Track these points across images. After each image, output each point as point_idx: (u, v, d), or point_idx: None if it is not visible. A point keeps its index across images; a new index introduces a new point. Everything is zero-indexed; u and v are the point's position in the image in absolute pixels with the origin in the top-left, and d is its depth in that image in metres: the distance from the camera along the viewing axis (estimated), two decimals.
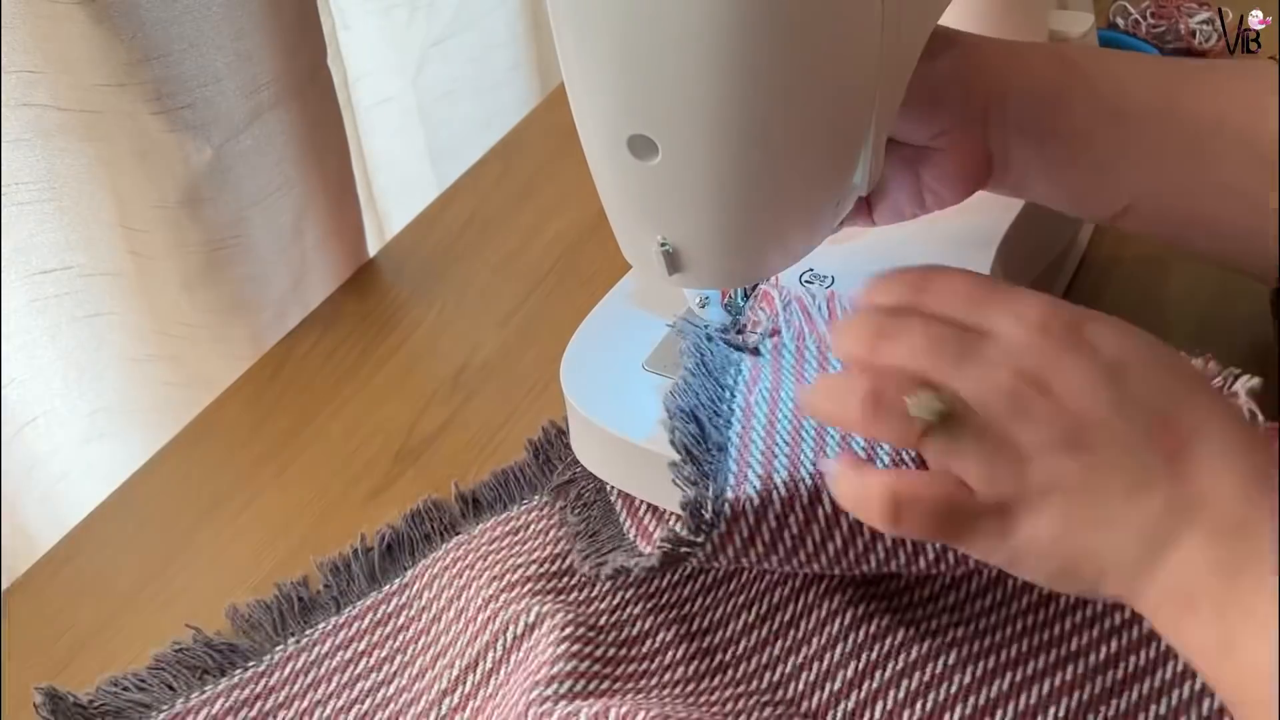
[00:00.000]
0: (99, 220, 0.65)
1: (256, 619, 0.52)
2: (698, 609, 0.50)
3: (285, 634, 0.51)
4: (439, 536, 0.55)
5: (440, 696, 0.48)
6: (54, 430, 0.74)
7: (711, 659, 0.48)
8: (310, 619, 0.52)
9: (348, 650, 0.51)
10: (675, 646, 0.49)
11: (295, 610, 0.52)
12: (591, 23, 0.41)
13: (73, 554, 0.57)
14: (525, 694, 0.45)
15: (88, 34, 0.56)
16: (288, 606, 0.53)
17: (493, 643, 0.49)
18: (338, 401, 0.64)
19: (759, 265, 0.49)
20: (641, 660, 0.48)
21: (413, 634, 0.51)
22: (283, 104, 0.65)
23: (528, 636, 0.48)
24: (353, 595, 0.53)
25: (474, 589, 0.51)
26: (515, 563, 0.51)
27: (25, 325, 0.68)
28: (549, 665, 0.46)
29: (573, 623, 0.48)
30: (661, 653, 0.48)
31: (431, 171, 1.05)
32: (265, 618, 0.52)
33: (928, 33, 0.50)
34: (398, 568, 0.54)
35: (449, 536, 0.54)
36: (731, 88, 0.41)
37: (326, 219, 0.72)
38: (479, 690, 0.48)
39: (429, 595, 0.52)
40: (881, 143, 0.49)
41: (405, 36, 0.99)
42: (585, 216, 0.76)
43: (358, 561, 0.54)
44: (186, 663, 0.50)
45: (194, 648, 0.51)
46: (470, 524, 0.55)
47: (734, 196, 0.44)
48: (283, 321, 0.70)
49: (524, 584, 0.50)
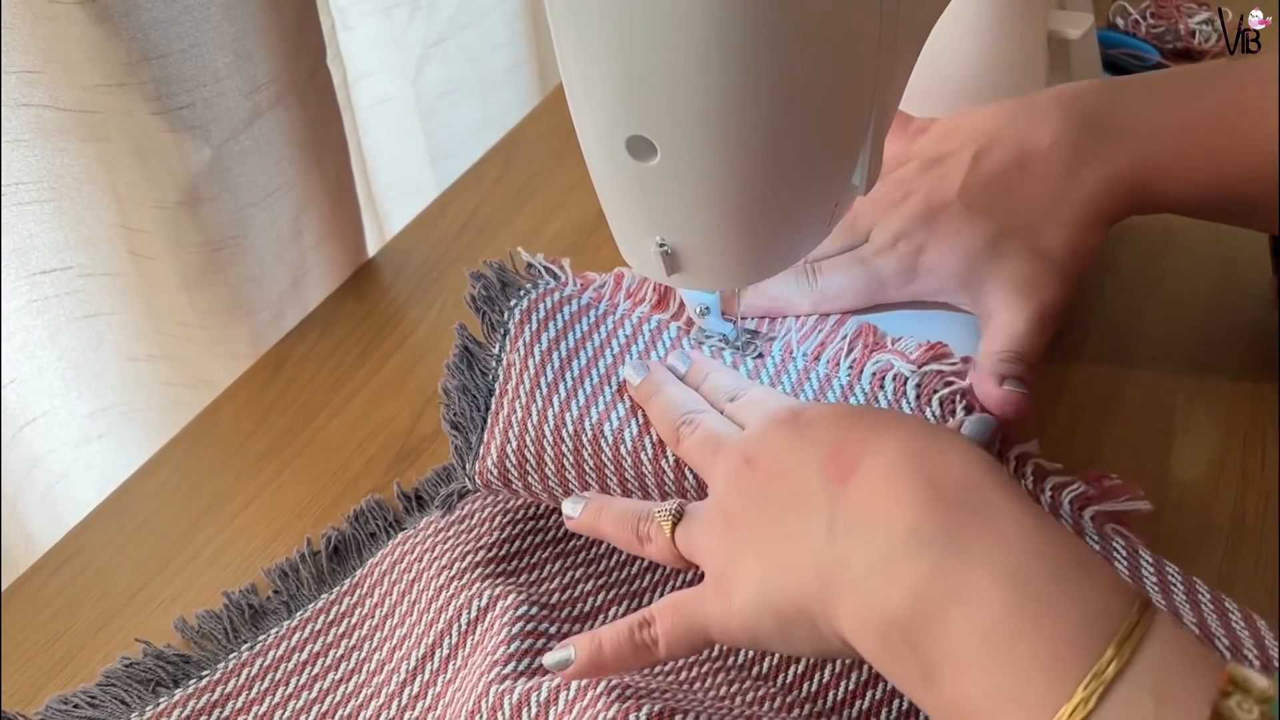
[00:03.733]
0: (99, 220, 0.65)
1: (207, 629, 0.52)
2: (646, 585, 0.52)
3: (238, 642, 0.51)
4: (384, 534, 0.55)
5: (400, 687, 0.49)
6: (54, 430, 0.74)
7: None
8: (262, 625, 0.52)
9: (303, 652, 0.51)
10: None
11: (246, 618, 0.52)
12: (590, 23, 0.41)
13: (73, 554, 0.57)
14: (484, 674, 0.46)
15: (88, 34, 0.56)
16: (238, 614, 0.52)
17: (447, 630, 0.49)
18: (338, 401, 0.64)
19: (758, 266, 0.49)
20: None
21: (367, 630, 0.51)
22: (283, 104, 0.65)
23: (482, 620, 0.49)
24: (303, 599, 0.53)
25: (424, 580, 0.51)
26: (463, 551, 0.52)
27: (25, 325, 0.68)
28: (505, 645, 0.47)
29: (525, 602, 0.49)
30: None
31: (431, 171, 1.05)
32: (216, 627, 0.52)
33: (928, 33, 0.50)
34: (346, 568, 0.54)
35: (394, 533, 0.55)
36: (731, 88, 0.41)
37: (326, 219, 0.72)
38: (438, 677, 0.48)
39: (380, 591, 0.52)
40: (881, 143, 0.49)
41: (405, 36, 0.99)
42: (585, 216, 0.76)
43: (305, 565, 0.54)
44: (138, 677, 0.50)
45: (144, 661, 0.50)
46: (415, 520, 0.55)
47: (733, 197, 0.44)
48: (282, 321, 0.70)
49: (473, 570, 0.51)
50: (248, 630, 0.52)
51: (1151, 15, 0.89)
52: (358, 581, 0.53)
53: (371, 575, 0.53)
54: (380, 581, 0.53)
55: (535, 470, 0.51)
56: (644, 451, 0.49)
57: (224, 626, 0.52)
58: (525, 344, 0.54)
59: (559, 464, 0.50)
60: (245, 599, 0.53)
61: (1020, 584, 0.33)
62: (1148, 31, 0.88)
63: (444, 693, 0.48)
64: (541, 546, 0.53)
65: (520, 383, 0.53)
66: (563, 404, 0.51)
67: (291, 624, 0.52)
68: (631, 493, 0.50)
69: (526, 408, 0.52)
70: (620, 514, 0.47)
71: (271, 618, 0.52)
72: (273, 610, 0.53)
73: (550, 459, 0.50)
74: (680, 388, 0.50)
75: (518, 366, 0.54)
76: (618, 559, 0.53)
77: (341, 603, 0.52)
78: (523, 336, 0.55)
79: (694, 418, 0.48)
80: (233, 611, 0.52)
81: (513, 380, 0.53)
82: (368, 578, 0.53)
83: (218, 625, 0.52)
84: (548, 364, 0.53)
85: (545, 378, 0.53)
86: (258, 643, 0.51)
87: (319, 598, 0.53)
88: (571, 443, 0.50)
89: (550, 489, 0.51)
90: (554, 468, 0.50)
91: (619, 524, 0.46)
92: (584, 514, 0.48)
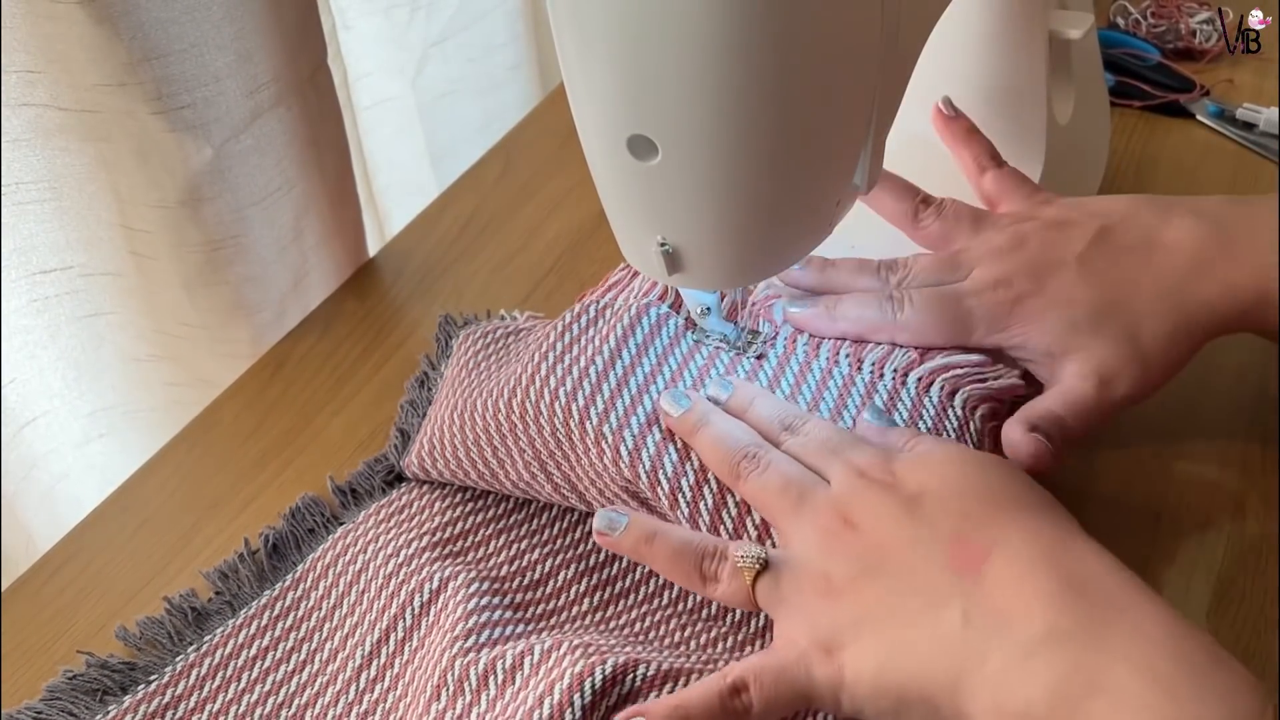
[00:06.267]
0: (99, 220, 0.65)
1: (150, 635, 0.52)
2: (590, 548, 0.53)
3: (184, 644, 0.51)
4: (323, 530, 0.55)
5: (357, 672, 0.49)
6: (54, 430, 0.74)
7: (612, 587, 0.51)
8: (206, 626, 0.52)
9: (252, 648, 0.51)
10: (576, 583, 0.52)
11: (189, 620, 0.52)
12: (591, 23, 0.41)
13: (73, 554, 0.57)
14: (446, 649, 0.47)
15: (88, 34, 0.56)
16: (181, 618, 0.52)
17: (401, 614, 0.50)
18: (338, 401, 0.64)
19: (758, 265, 0.49)
20: (548, 600, 0.51)
21: (315, 622, 0.52)
22: (283, 104, 0.65)
23: (435, 601, 0.50)
24: (245, 597, 0.53)
25: (372, 570, 0.52)
26: (407, 538, 0.53)
27: (25, 325, 0.68)
28: (464, 621, 0.48)
29: (476, 579, 0.50)
30: (565, 590, 0.51)
31: (431, 171, 1.05)
32: (159, 633, 0.52)
33: (929, 32, 0.50)
34: (287, 564, 0.54)
35: (333, 528, 0.55)
36: (732, 88, 0.41)
37: (326, 219, 0.72)
38: (395, 659, 0.49)
39: (325, 584, 0.53)
40: (882, 143, 0.49)
41: (405, 36, 0.99)
42: (585, 216, 0.76)
43: (245, 565, 0.54)
44: (83, 688, 0.49)
45: (88, 672, 0.50)
46: (353, 513, 0.56)
47: (733, 197, 0.44)
48: (283, 321, 0.70)
49: (421, 555, 0.52)
50: (192, 633, 0.52)
51: (1152, 15, 0.89)
52: (300, 576, 0.53)
53: (314, 569, 0.53)
54: (325, 575, 0.53)
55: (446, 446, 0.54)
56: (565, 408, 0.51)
57: (167, 631, 0.51)
58: (460, 359, 0.60)
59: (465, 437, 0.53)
60: (186, 602, 0.53)
61: (1159, 680, 0.34)
62: (1148, 31, 0.88)
63: (403, 673, 0.49)
64: (484, 525, 0.54)
65: (447, 386, 0.58)
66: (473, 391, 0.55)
67: (237, 622, 0.52)
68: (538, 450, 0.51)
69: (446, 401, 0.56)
70: (679, 546, 0.45)
71: (215, 618, 0.52)
72: (216, 611, 0.53)
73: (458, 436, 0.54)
74: (730, 420, 0.49)
75: (448, 376, 0.59)
76: (560, 527, 0.54)
77: (285, 598, 0.53)
78: (460, 355, 0.60)
79: (759, 455, 0.46)
80: (175, 615, 0.52)
81: (443, 389, 0.59)
82: (310, 572, 0.53)
83: (161, 630, 0.52)
84: (471, 370, 0.58)
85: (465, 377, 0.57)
86: (204, 644, 0.51)
87: (262, 595, 0.53)
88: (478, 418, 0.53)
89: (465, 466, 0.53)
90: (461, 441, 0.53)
91: (677, 556, 0.45)
92: (626, 536, 0.46)
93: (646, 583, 0.51)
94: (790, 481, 0.45)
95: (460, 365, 0.60)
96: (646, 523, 0.46)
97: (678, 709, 0.40)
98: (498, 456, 0.53)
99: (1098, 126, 0.72)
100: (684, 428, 0.49)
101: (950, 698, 0.37)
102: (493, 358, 0.59)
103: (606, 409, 0.50)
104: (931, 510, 0.41)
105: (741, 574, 0.43)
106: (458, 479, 0.55)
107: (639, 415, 0.50)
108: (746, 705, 0.40)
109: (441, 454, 0.54)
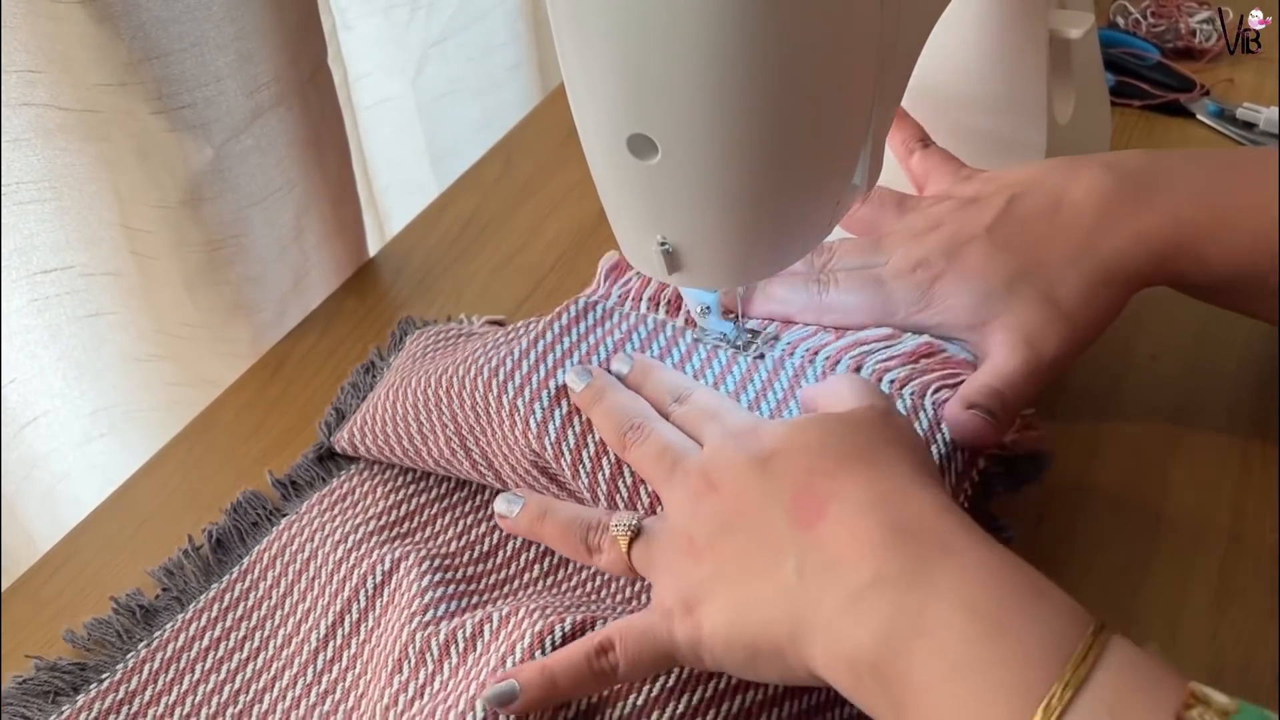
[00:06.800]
0: (100, 220, 0.65)
1: (98, 635, 0.52)
2: None
3: (133, 642, 0.51)
4: (266, 522, 0.56)
5: (314, 655, 0.50)
6: (54, 430, 0.74)
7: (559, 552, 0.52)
8: (155, 623, 0.52)
9: (204, 639, 0.51)
10: (525, 551, 0.53)
11: (138, 618, 0.52)
12: (591, 23, 0.41)
13: (73, 554, 0.57)
14: (405, 626, 0.48)
15: (88, 34, 0.56)
16: (129, 616, 0.52)
17: (354, 596, 0.51)
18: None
19: (758, 265, 0.49)
20: (499, 570, 0.52)
21: (266, 611, 0.52)
22: (283, 104, 0.65)
23: (388, 582, 0.51)
24: (193, 592, 0.53)
25: (320, 557, 0.53)
26: (354, 524, 0.54)
27: (25, 325, 0.68)
28: (419, 597, 0.49)
29: (427, 557, 0.51)
30: (515, 559, 0.53)
31: (431, 171, 1.05)
32: (108, 632, 0.52)
33: (928, 32, 0.50)
34: (233, 558, 0.55)
35: (276, 520, 0.56)
36: (732, 87, 0.41)
37: (327, 219, 0.72)
38: (351, 640, 0.50)
39: (274, 574, 0.53)
40: (881, 143, 0.49)
41: (405, 36, 0.99)
42: (585, 216, 0.76)
43: (190, 560, 0.54)
44: (34, 691, 0.49)
45: (38, 676, 0.49)
46: (295, 504, 0.57)
47: (733, 196, 0.44)
48: (283, 321, 0.70)
49: (369, 539, 0.53)
50: (141, 630, 0.52)
51: (1152, 14, 0.89)
52: (246, 569, 0.54)
53: (261, 561, 0.54)
54: (272, 565, 0.54)
55: (375, 423, 0.56)
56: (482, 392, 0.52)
57: (116, 630, 0.52)
58: (409, 351, 0.62)
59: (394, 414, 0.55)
60: (134, 600, 0.53)
61: (980, 615, 0.35)
62: (1148, 31, 0.88)
63: (360, 653, 0.49)
64: (428, 505, 0.55)
65: (392, 373, 0.60)
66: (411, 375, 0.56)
67: (186, 616, 0.52)
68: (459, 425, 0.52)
69: (386, 384, 0.58)
70: (566, 521, 0.47)
71: (164, 614, 0.52)
72: (164, 607, 0.53)
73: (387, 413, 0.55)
74: (624, 393, 0.50)
75: (394, 365, 0.61)
76: None
77: (234, 589, 0.53)
78: (410, 349, 0.62)
79: (643, 424, 0.47)
80: (123, 614, 0.52)
81: (387, 376, 0.60)
82: (256, 564, 0.54)
83: (109, 630, 0.52)
84: (418, 359, 0.60)
85: (409, 365, 0.59)
86: (154, 639, 0.51)
87: (209, 588, 0.53)
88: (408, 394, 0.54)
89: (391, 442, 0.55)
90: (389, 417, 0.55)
91: (565, 531, 0.46)
92: (522, 516, 0.48)
93: None
94: (667, 448, 0.46)
95: (408, 355, 0.62)
96: (540, 502, 0.48)
97: (545, 669, 0.42)
98: (421, 432, 0.54)
99: (1098, 126, 0.72)
100: (584, 401, 0.50)
101: (792, 646, 0.38)
102: (438, 351, 0.61)
103: (523, 383, 0.51)
104: (780, 467, 0.41)
105: (617, 542, 0.45)
106: (384, 455, 0.56)
107: (550, 389, 0.50)
108: (613, 664, 0.42)
109: (371, 430, 0.56)
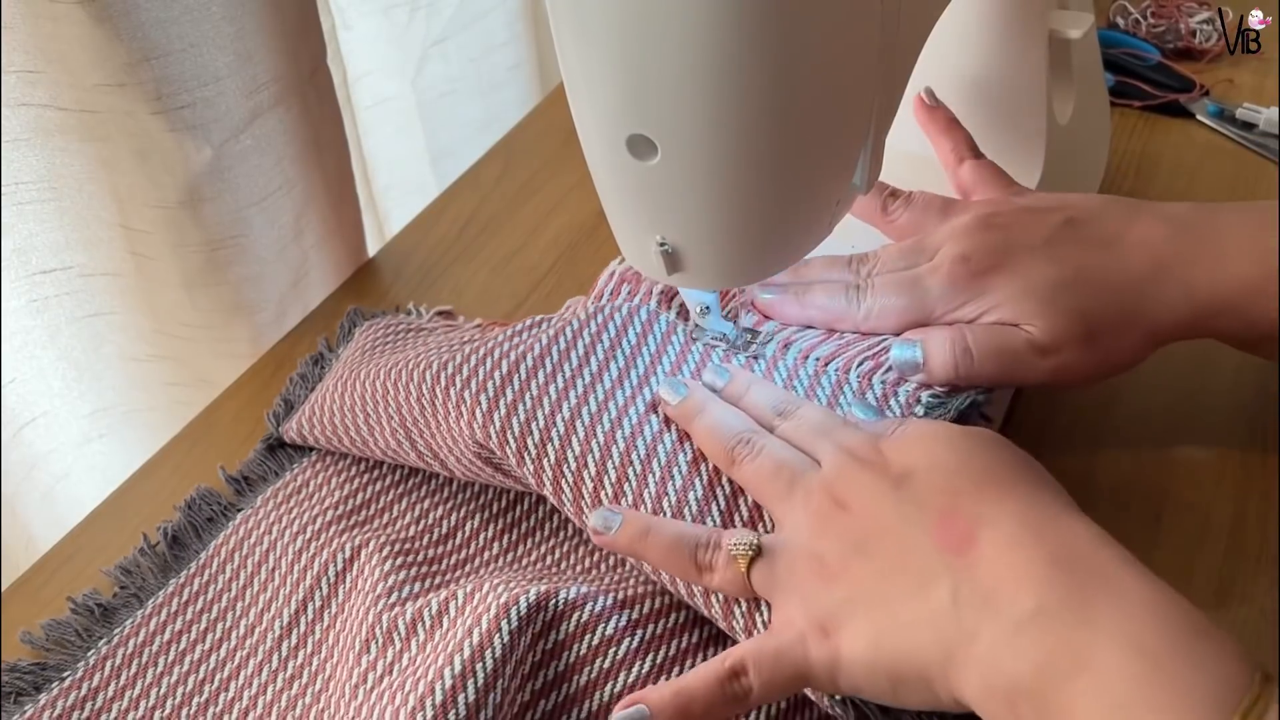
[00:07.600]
0: (99, 220, 0.65)
1: (56, 636, 0.52)
2: (491, 496, 0.55)
3: (94, 640, 0.51)
4: (221, 518, 0.56)
5: (278, 642, 0.50)
6: (54, 430, 0.74)
7: (519, 529, 0.54)
8: (114, 620, 0.52)
9: (165, 633, 0.51)
10: (484, 530, 0.54)
11: (97, 617, 0.52)
12: (591, 23, 0.41)
13: (72, 554, 0.57)
14: (370, 608, 0.48)
15: (88, 34, 0.56)
16: (87, 615, 0.52)
17: (316, 584, 0.51)
18: None
19: (758, 265, 0.49)
20: (460, 549, 0.53)
21: (227, 603, 0.53)
22: (283, 104, 0.65)
23: (350, 569, 0.52)
24: (151, 588, 0.53)
25: (280, 548, 0.54)
26: (312, 515, 0.55)
27: (25, 325, 0.68)
28: (383, 581, 0.50)
29: (387, 543, 0.52)
30: (474, 539, 0.54)
31: (431, 171, 1.05)
32: (67, 632, 0.52)
33: (927, 33, 0.50)
34: (189, 554, 0.55)
35: (231, 515, 0.56)
36: (732, 87, 0.41)
37: (326, 219, 0.72)
38: (315, 626, 0.50)
39: (233, 567, 0.54)
40: (881, 143, 0.49)
41: (405, 36, 0.99)
42: (585, 216, 0.76)
43: (146, 558, 0.55)
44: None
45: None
46: (250, 499, 0.57)
47: (733, 197, 0.44)
48: (282, 321, 0.70)
49: (328, 529, 0.54)
50: (101, 628, 0.52)
51: (1152, 15, 0.89)
52: (204, 563, 0.54)
53: (219, 555, 0.54)
54: (230, 559, 0.54)
55: (324, 413, 0.56)
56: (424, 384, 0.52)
57: (75, 630, 0.52)
58: (359, 343, 0.63)
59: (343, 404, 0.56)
60: (92, 599, 0.53)
61: (1146, 655, 0.34)
62: (1148, 31, 0.88)
63: (325, 638, 0.50)
64: (384, 492, 0.56)
65: (341, 365, 0.61)
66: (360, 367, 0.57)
67: (145, 612, 0.52)
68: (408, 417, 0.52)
69: (334, 375, 0.59)
70: (673, 539, 0.45)
71: (122, 611, 0.53)
72: (122, 605, 0.53)
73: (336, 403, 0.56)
74: (725, 407, 0.49)
75: (343, 356, 0.62)
76: (459, 483, 0.56)
77: (192, 584, 0.53)
78: (359, 340, 0.63)
79: (753, 439, 0.46)
80: (81, 613, 0.52)
81: (336, 368, 0.61)
82: (214, 558, 0.54)
83: (68, 630, 0.52)
84: (367, 351, 0.61)
85: (358, 358, 0.60)
86: (114, 636, 0.51)
87: (168, 584, 0.53)
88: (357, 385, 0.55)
89: (339, 431, 0.56)
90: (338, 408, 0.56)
91: (671, 549, 0.45)
92: (621, 534, 0.46)
93: (550, 519, 0.54)
94: (783, 465, 0.45)
95: (358, 347, 0.62)
96: (640, 519, 0.46)
97: (679, 694, 0.41)
98: (369, 423, 0.54)
99: (1098, 126, 0.72)
100: (681, 415, 0.49)
101: (942, 675, 0.38)
102: (389, 345, 0.62)
103: (469, 375, 0.50)
104: (919, 488, 0.41)
105: (736, 561, 0.43)
106: (333, 445, 0.57)
107: (495, 378, 0.50)
108: (747, 688, 0.41)
109: (320, 420, 0.57)
